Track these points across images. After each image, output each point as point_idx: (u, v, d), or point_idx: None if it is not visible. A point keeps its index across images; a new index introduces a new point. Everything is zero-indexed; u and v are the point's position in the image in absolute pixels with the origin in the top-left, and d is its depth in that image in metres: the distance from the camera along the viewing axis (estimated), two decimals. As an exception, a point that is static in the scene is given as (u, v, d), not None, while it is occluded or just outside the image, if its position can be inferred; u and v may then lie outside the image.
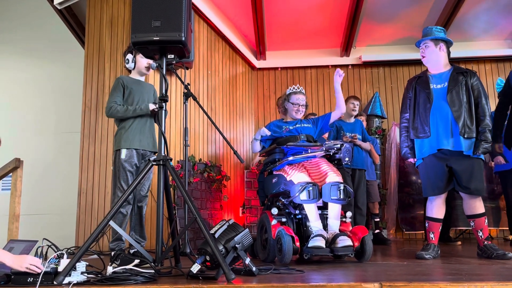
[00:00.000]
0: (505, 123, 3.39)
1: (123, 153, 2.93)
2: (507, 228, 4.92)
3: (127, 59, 3.07)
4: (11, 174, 3.65)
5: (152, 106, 2.96)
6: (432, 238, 3.04)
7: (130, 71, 3.15)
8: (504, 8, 5.52)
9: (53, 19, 5.66)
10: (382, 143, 5.84)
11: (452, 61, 6.10)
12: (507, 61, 6.15)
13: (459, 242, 4.73)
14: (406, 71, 6.21)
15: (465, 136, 2.92)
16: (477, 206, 2.97)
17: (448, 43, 3.17)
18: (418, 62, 6.01)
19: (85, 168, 4.39)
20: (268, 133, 3.22)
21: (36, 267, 1.85)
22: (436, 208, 3.03)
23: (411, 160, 3.14)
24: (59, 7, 5.02)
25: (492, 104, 5.96)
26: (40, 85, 6.13)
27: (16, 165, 3.47)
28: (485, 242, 2.94)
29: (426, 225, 3.08)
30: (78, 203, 4.36)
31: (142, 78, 3.17)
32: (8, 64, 6.25)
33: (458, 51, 5.96)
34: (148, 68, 3.09)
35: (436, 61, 3.13)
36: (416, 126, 3.09)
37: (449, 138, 2.95)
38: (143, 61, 3.08)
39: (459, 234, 5.40)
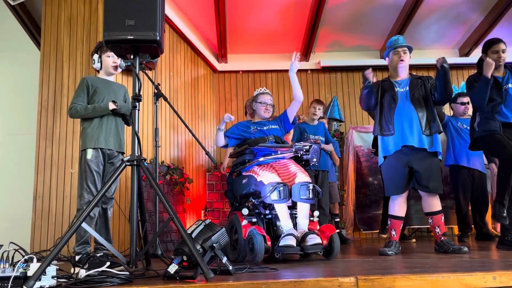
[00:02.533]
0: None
1: (89, 153, 2.86)
2: (454, 226, 5.26)
3: (94, 60, 3.01)
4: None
5: (112, 105, 2.91)
6: (394, 235, 3.20)
7: (98, 71, 3.08)
8: (453, 20, 5.90)
9: (5, 16, 5.38)
10: (340, 145, 6.03)
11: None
12: (454, 69, 6.56)
13: (414, 240, 4.97)
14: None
15: (426, 133, 3.13)
16: (435, 204, 3.15)
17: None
18: (373, 68, 6.29)
19: (41, 171, 4.20)
20: (232, 118, 3.26)
21: None
22: (398, 206, 3.19)
23: (368, 71, 3.24)
24: (12, 3, 4.79)
25: (445, 108, 6.37)
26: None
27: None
28: (442, 238, 3.12)
29: (389, 222, 3.24)
30: (33, 207, 4.16)
31: (111, 78, 3.11)
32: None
33: (411, 58, 6.30)
34: (115, 67, 3.04)
35: (407, 67, 3.36)
36: (382, 125, 3.27)
37: (414, 135, 3.14)
38: (109, 60, 3.03)
39: (412, 232, 5.67)
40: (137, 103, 2.25)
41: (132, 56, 2.31)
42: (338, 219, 5.07)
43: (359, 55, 6.42)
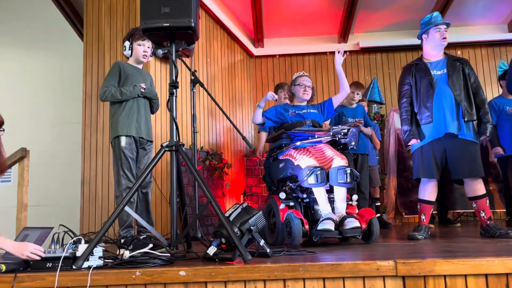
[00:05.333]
0: None
1: (123, 140, 2.93)
2: (503, 210, 5.04)
3: (124, 46, 3.07)
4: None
5: (143, 85, 2.99)
6: (423, 219, 3.13)
7: (128, 58, 3.15)
8: (501, -7, 5.57)
9: (48, 8, 5.60)
10: (381, 128, 5.89)
11: (450, 45, 6.14)
12: (502, 46, 6.21)
13: (458, 224, 4.82)
14: (403, 57, 6.25)
15: (466, 119, 3.02)
16: (479, 188, 3.04)
17: None
18: (414, 48, 6.07)
19: (87, 157, 4.39)
20: (276, 96, 3.26)
21: (37, 255, 1.88)
22: (429, 191, 3.11)
23: (415, 141, 3.14)
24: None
25: (491, 87, 6.07)
26: (37, 75, 6.08)
27: (22, 154, 3.47)
28: (488, 222, 3.01)
29: (419, 206, 3.16)
30: (81, 192, 4.37)
31: (140, 66, 3.18)
32: (5, 55, 6.18)
33: (455, 35, 6.02)
34: (145, 56, 3.09)
35: (444, 46, 3.20)
36: (418, 112, 3.15)
37: (455, 120, 3.02)
38: (140, 49, 3.08)
39: (457, 216, 5.49)
40: (174, 90, 2.29)
41: (168, 44, 2.36)
42: (379, 203, 4.98)
43: (399, 34, 6.19)
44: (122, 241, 2.85)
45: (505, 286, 1.74)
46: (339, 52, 3.33)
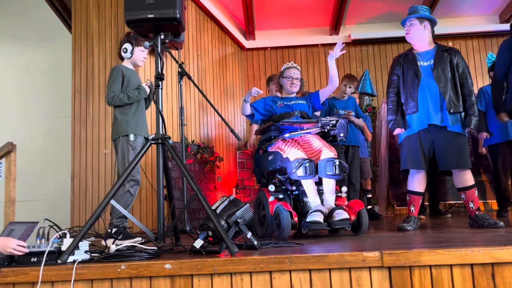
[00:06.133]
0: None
1: (132, 136, 2.99)
2: (494, 201, 5.06)
3: (125, 49, 3.08)
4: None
5: (146, 88, 3.08)
6: (412, 210, 3.14)
7: (122, 59, 3.17)
8: (492, -17, 5.56)
9: (37, 2, 5.53)
10: (372, 120, 5.89)
11: (440, 37, 6.14)
12: (494, 37, 6.21)
13: (449, 215, 4.84)
14: (395, 49, 6.24)
15: (451, 111, 3.01)
16: (467, 178, 3.04)
17: (433, 22, 3.25)
18: (406, 40, 6.05)
19: (77, 152, 4.36)
20: (261, 91, 3.24)
21: (20, 251, 1.86)
22: (417, 182, 3.12)
23: (399, 130, 3.18)
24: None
25: (482, 79, 6.08)
26: (26, 70, 6.03)
27: (9, 149, 3.43)
28: (476, 212, 3.02)
29: (408, 198, 3.17)
30: (71, 187, 4.34)
31: (134, 69, 3.22)
32: (-5, 50, 6.12)
33: (446, 27, 6.02)
34: (143, 61, 3.17)
35: (420, 38, 3.21)
36: (404, 103, 3.15)
37: (438, 112, 3.03)
38: (140, 54, 3.15)
39: (448, 207, 5.52)
40: (160, 82, 2.27)
41: (154, 35, 2.33)
42: (370, 195, 5.00)
43: (391, 26, 6.17)
44: (113, 230, 2.85)
45: (490, 276, 1.75)
46: (341, 44, 3.27)
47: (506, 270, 1.75)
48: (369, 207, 4.93)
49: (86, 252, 1.97)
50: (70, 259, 1.89)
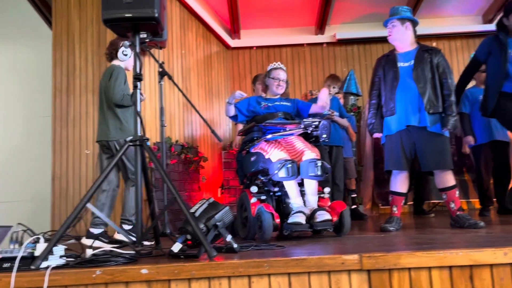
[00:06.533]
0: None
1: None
2: (477, 200, 5.11)
3: (125, 51, 3.06)
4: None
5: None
6: (395, 211, 3.14)
7: (111, 60, 3.18)
8: (475, -16, 5.61)
9: (18, 1, 5.42)
10: (357, 120, 5.90)
11: (424, 38, 6.18)
12: (477, 37, 6.26)
13: (433, 215, 4.88)
14: (380, 49, 6.26)
15: (430, 111, 3.01)
16: (448, 179, 3.06)
17: (414, 23, 3.24)
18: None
19: (58, 152, 4.28)
20: (244, 94, 3.21)
21: None
22: (400, 182, 3.13)
23: (377, 134, 3.21)
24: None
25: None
26: (6, 68, 5.89)
27: (-15, 150, 3.35)
28: (458, 213, 3.04)
29: (390, 198, 3.18)
30: (52, 188, 4.26)
31: None
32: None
33: (430, 27, 6.06)
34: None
35: (402, 39, 3.20)
36: (384, 104, 3.16)
37: (416, 113, 3.03)
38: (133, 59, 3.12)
39: (432, 207, 5.56)
40: (138, 83, 2.22)
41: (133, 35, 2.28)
42: (355, 195, 5.00)
43: (376, 26, 6.18)
44: (129, 227, 2.86)
45: (468, 278, 1.75)
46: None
47: (484, 272, 1.75)
48: (354, 206, 4.94)
49: (61, 257, 1.92)
50: (44, 264, 1.84)
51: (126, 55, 3.11)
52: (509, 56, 3.05)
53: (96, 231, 2.90)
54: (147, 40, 2.34)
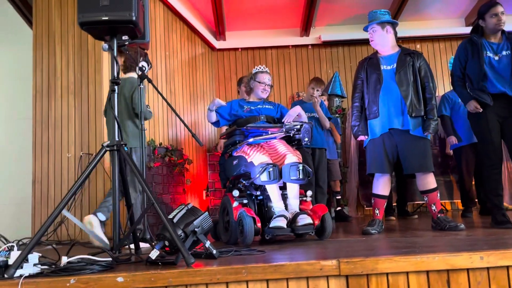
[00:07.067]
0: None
1: (139, 150, 3.04)
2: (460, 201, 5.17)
3: (144, 67, 2.99)
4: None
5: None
6: (377, 213, 3.16)
7: (128, 72, 3.29)
8: (458, -13, 5.66)
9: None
10: (342, 122, 5.93)
11: (408, 40, 6.22)
12: (460, 39, 6.31)
13: (416, 216, 4.92)
14: (364, 50, 6.29)
15: (413, 114, 3.03)
16: (430, 181, 3.08)
17: (394, 24, 3.26)
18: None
19: (38, 156, 4.21)
20: (223, 103, 3.20)
21: None
22: (382, 185, 3.15)
23: (362, 137, 3.22)
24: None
25: (449, 80, 6.18)
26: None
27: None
28: (439, 215, 3.06)
29: (372, 201, 3.19)
30: (32, 192, 4.19)
31: None
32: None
33: (413, 29, 6.11)
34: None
35: (384, 43, 3.22)
36: (367, 107, 3.18)
37: (399, 116, 3.05)
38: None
39: (416, 208, 5.61)
40: (115, 87, 2.19)
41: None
42: (339, 197, 5.02)
43: (361, 28, 6.14)
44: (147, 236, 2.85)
45: (445, 282, 1.76)
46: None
47: (461, 277, 1.76)
48: (339, 208, 4.96)
49: (35, 265, 1.88)
50: (18, 273, 1.80)
51: (144, 70, 3.06)
52: (485, 57, 3.08)
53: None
54: (127, 43, 2.31)
